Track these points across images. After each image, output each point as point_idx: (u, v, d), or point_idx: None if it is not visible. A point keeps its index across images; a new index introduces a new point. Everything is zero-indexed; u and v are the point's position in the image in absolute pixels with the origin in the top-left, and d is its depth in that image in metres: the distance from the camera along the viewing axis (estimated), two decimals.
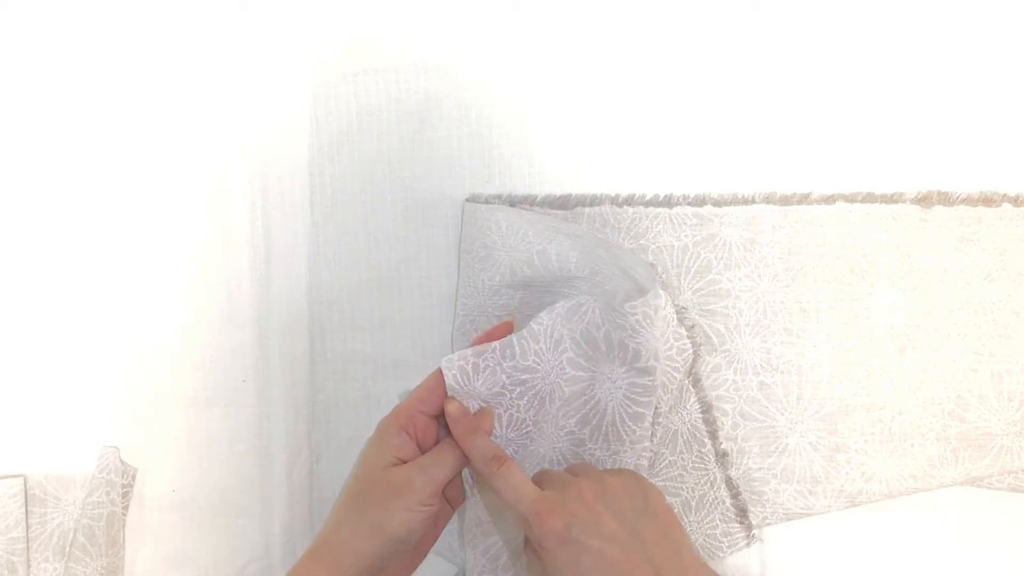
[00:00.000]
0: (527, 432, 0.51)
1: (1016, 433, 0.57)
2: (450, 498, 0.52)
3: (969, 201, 0.59)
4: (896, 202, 0.58)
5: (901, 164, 0.59)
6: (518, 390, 0.50)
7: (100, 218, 0.56)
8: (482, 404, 0.50)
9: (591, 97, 0.58)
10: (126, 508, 0.53)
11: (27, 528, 0.52)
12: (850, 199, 0.58)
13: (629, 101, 0.58)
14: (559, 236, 0.54)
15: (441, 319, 0.57)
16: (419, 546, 0.51)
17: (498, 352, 0.50)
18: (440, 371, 0.49)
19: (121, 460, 0.53)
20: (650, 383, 0.50)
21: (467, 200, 0.57)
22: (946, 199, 0.58)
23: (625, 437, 0.51)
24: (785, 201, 0.57)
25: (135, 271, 0.56)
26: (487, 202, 0.56)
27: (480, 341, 0.50)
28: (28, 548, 0.52)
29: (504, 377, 0.50)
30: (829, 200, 0.58)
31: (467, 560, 0.53)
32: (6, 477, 0.52)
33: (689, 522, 0.55)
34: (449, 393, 0.49)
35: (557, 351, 0.51)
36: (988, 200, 0.59)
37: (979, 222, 0.58)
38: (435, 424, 0.50)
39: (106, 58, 0.56)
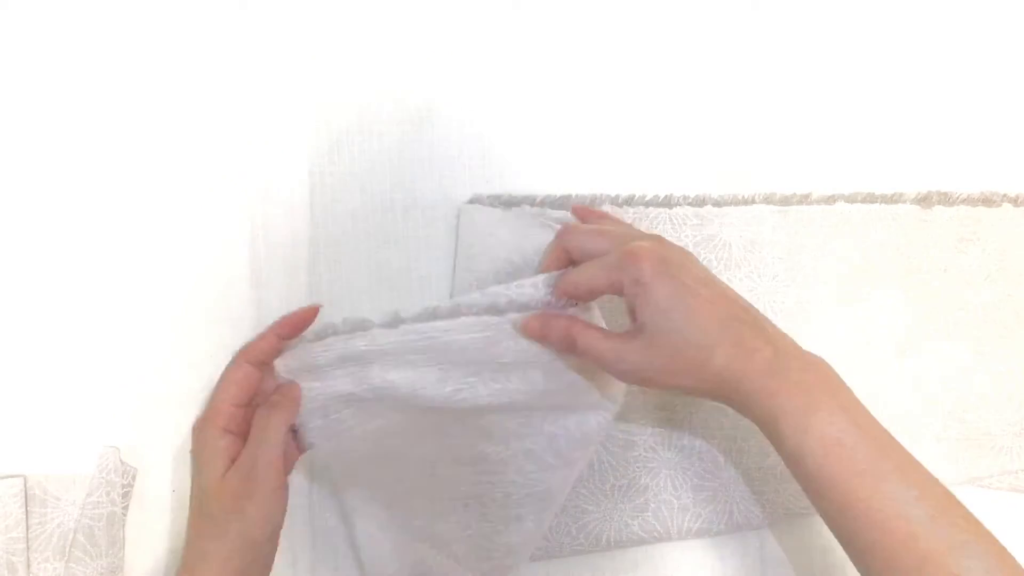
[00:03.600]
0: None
1: (1016, 433, 0.57)
2: (288, 452, 0.49)
3: (969, 201, 0.59)
4: (896, 202, 0.58)
5: (901, 164, 0.59)
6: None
7: (99, 218, 0.56)
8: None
9: (591, 97, 0.58)
10: (126, 508, 0.53)
11: (27, 528, 0.52)
12: (850, 199, 0.58)
13: (629, 101, 0.58)
14: (547, 230, 0.53)
15: None
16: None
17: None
18: (238, 360, 0.49)
19: (121, 460, 0.53)
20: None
21: (466, 203, 0.56)
22: (946, 199, 0.58)
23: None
24: (785, 201, 0.57)
25: (135, 271, 0.55)
26: (486, 204, 0.56)
27: (283, 325, 0.49)
28: (28, 548, 0.51)
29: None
30: (829, 200, 0.58)
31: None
32: (6, 477, 0.52)
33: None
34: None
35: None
36: (988, 200, 0.59)
37: (979, 222, 0.59)
38: (247, 413, 0.49)
39: (105, 58, 0.56)
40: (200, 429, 0.48)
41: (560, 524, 0.55)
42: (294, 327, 0.50)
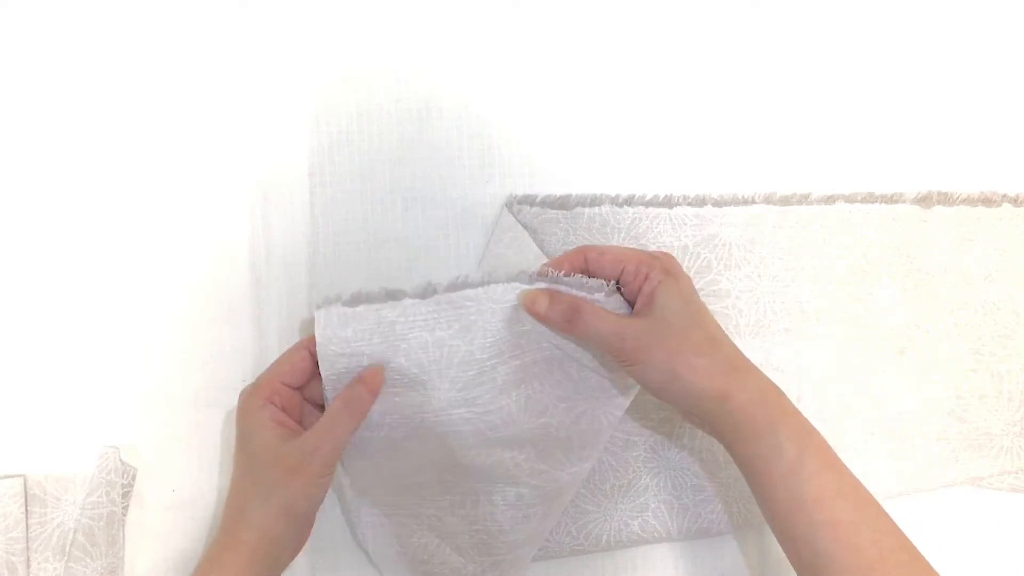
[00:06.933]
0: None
1: (1016, 433, 0.57)
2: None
3: (969, 201, 0.59)
4: (896, 202, 0.58)
5: (901, 164, 0.59)
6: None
7: (100, 218, 0.56)
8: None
9: (591, 97, 0.58)
10: (126, 508, 0.53)
11: (27, 528, 0.52)
12: (850, 199, 0.58)
13: (629, 101, 0.58)
14: None
15: None
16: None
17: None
18: (299, 345, 0.49)
19: (121, 460, 0.53)
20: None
21: (505, 205, 0.57)
22: (946, 199, 0.58)
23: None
24: (785, 201, 0.57)
25: (135, 271, 0.55)
26: (522, 209, 0.56)
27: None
28: (28, 548, 0.52)
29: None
30: (829, 200, 0.58)
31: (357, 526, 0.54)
32: (6, 477, 0.52)
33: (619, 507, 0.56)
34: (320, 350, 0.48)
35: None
36: (988, 200, 0.59)
37: (979, 222, 0.59)
38: (298, 396, 0.50)
39: (106, 59, 0.56)
40: (245, 398, 0.49)
41: (560, 524, 0.55)
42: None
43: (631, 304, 0.48)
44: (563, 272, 0.48)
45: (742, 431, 0.45)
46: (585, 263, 0.49)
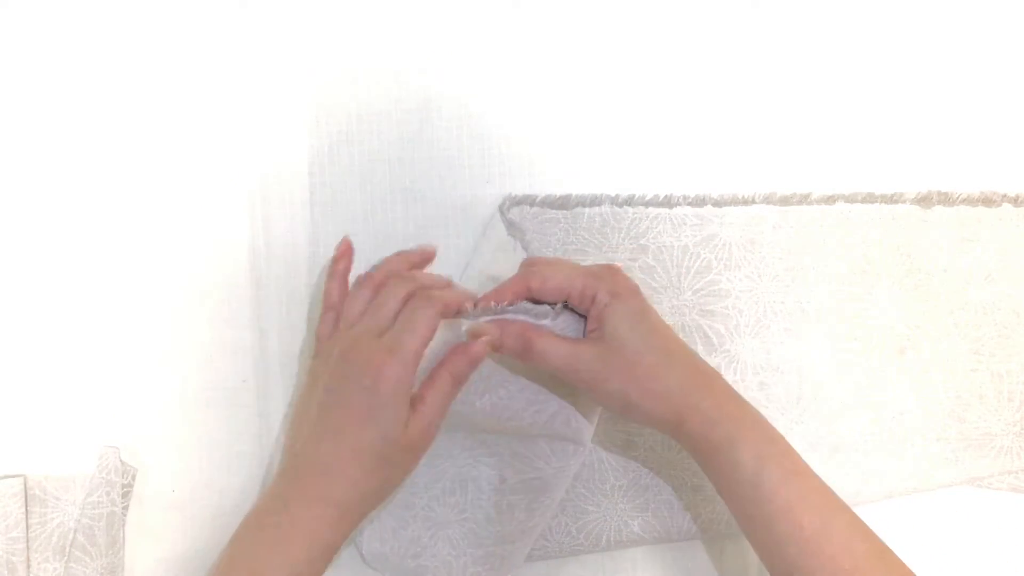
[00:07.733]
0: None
1: (1016, 433, 0.57)
2: None
3: (969, 201, 0.59)
4: (896, 202, 0.58)
5: (901, 164, 0.59)
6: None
7: (100, 218, 0.56)
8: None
9: (591, 97, 0.58)
10: (126, 508, 0.53)
11: (27, 528, 0.52)
12: (850, 199, 0.58)
13: (629, 101, 0.58)
14: None
15: None
16: None
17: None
18: (434, 306, 0.47)
19: (121, 460, 0.53)
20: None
21: (502, 206, 0.56)
22: (946, 199, 0.58)
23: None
24: (785, 201, 0.57)
25: (135, 271, 0.55)
26: (528, 204, 0.56)
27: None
28: (28, 548, 0.52)
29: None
30: (829, 200, 0.58)
31: None
32: (6, 477, 0.52)
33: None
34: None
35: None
36: (988, 200, 0.59)
37: (979, 222, 0.59)
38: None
39: (106, 59, 0.56)
40: (402, 371, 0.44)
41: (560, 524, 0.55)
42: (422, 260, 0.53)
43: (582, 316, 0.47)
44: (507, 302, 0.47)
45: (701, 451, 0.45)
46: (528, 293, 0.48)
